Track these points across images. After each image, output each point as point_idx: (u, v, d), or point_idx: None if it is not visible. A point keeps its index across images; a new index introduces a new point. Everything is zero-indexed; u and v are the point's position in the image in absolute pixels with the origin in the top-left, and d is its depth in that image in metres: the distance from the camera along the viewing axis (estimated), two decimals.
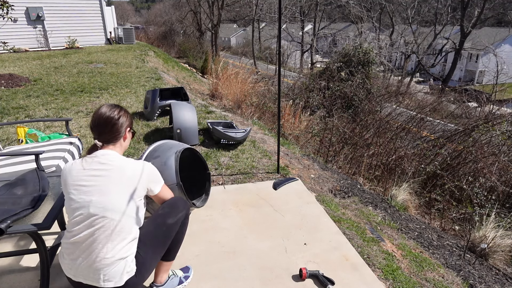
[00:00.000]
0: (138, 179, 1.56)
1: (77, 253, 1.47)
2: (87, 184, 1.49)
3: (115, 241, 1.47)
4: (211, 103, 6.65)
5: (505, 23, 33.25)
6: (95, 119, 1.61)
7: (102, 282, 1.47)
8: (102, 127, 1.61)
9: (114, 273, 1.47)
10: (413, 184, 4.64)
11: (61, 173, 1.60)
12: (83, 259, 1.46)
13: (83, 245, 1.46)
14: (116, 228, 1.47)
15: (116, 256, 1.47)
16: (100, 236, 1.45)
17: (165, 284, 1.83)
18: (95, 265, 1.45)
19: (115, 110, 1.65)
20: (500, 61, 21.42)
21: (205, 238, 2.35)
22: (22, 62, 8.76)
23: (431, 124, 8.51)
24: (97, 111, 1.64)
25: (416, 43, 27.87)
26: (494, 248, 3.14)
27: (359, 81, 10.09)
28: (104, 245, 1.45)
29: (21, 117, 4.69)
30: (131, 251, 1.53)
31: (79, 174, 1.52)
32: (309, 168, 3.92)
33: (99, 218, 1.45)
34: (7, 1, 6.67)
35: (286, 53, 31.28)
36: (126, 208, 1.50)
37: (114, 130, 1.62)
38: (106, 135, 1.61)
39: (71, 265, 1.49)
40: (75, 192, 1.49)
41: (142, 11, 65.75)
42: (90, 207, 1.46)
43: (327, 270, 2.07)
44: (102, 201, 1.46)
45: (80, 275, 1.48)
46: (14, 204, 1.69)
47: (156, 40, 23.21)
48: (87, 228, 1.45)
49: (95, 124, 1.61)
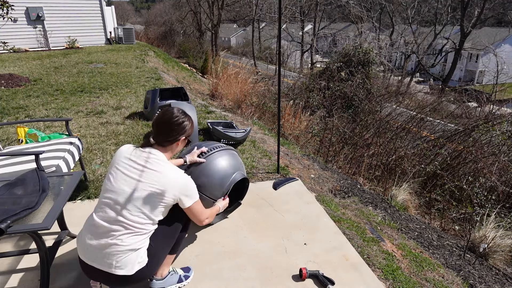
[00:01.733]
0: (171, 187, 1.57)
1: (96, 235, 1.53)
2: (127, 173, 1.58)
3: (132, 233, 1.53)
4: (211, 103, 6.65)
5: (505, 23, 33.24)
6: (160, 117, 1.68)
7: (114, 269, 1.51)
8: (162, 126, 1.67)
9: (126, 261, 1.52)
10: (413, 184, 4.63)
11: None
12: (99, 242, 1.51)
13: (104, 229, 1.52)
14: (135, 222, 1.53)
15: (130, 247, 1.52)
16: (121, 225, 1.52)
17: (165, 278, 1.84)
18: (109, 250, 1.50)
19: (182, 116, 1.70)
20: (500, 61, 21.43)
21: (205, 238, 2.35)
22: (22, 62, 8.76)
23: (431, 124, 8.51)
24: (165, 110, 1.70)
25: (416, 43, 27.87)
26: (494, 248, 3.14)
27: (359, 81, 10.10)
28: (122, 234, 1.51)
29: (21, 117, 4.69)
30: (144, 245, 1.58)
31: (125, 161, 1.61)
32: (309, 168, 3.92)
33: (124, 209, 1.52)
34: (7, 1, 6.67)
35: (286, 53, 31.27)
36: (147, 210, 1.55)
37: (171, 133, 1.67)
38: (162, 136, 1.67)
39: (87, 246, 1.54)
40: (114, 175, 1.59)
41: (142, 11, 65.70)
42: (120, 196, 1.54)
43: (327, 270, 2.07)
44: (131, 195, 1.54)
45: (94, 259, 1.53)
46: (14, 204, 1.68)
47: (156, 40, 23.21)
48: (112, 213, 1.53)
49: (158, 121, 1.68)
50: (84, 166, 3.08)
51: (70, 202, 2.71)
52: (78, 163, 3.12)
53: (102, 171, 3.21)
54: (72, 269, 2.00)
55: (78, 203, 2.72)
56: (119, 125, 4.47)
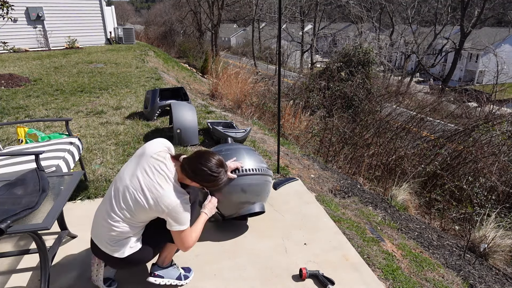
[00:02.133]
0: (161, 205, 1.56)
1: (99, 215, 1.66)
2: (138, 170, 1.61)
3: (122, 222, 1.61)
4: (211, 103, 6.65)
5: (505, 23, 33.24)
6: (200, 157, 1.63)
7: (110, 251, 1.63)
8: (195, 167, 1.61)
9: (119, 245, 1.62)
10: (413, 184, 4.63)
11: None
12: (100, 223, 1.64)
13: (105, 213, 1.62)
14: (123, 215, 1.60)
15: (122, 235, 1.61)
16: (115, 213, 1.60)
17: (166, 268, 1.84)
18: (105, 232, 1.61)
19: (219, 173, 1.64)
20: (500, 61, 21.42)
21: (205, 238, 2.34)
22: (22, 62, 8.76)
23: (431, 124, 8.51)
24: (209, 154, 1.66)
25: (416, 43, 27.86)
26: (494, 248, 3.14)
27: (359, 81, 10.09)
28: (116, 221, 1.60)
29: (21, 117, 4.69)
30: (135, 233, 1.66)
31: (145, 157, 1.63)
32: (309, 168, 3.92)
33: (118, 202, 1.60)
34: (7, 1, 6.67)
35: (286, 53, 31.27)
36: (132, 211, 1.60)
37: (196, 177, 1.62)
38: (187, 172, 1.61)
39: (94, 224, 1.68)
40: (129, 165, 1.65)
41: (142, 11, 65.73)
42: (128, 189, 1.59)
43: (327, 270, 2.07)
44: (124, 192, 1.59)
45: (97, 237, 1.65)
46: (14, 204, 1.69)
47: (156, 40, 23.21)
48: (115, 201, 1.61)
49: (196, 160, 1.62)
50: (84, 166, 3.08)
51: (70, 202, 2.71)
52: (78, 163, 3.12)
53: (102, 171, 3.21)
54: (72, 269, 2.00)
55: (78, 203, 2.72)
56: (119, 125, 4.47)
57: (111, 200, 1.61)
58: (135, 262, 1.68)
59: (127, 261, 1.65)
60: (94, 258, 1.76)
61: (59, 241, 1.99)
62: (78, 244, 2.21)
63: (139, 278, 1.92)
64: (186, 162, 1.63)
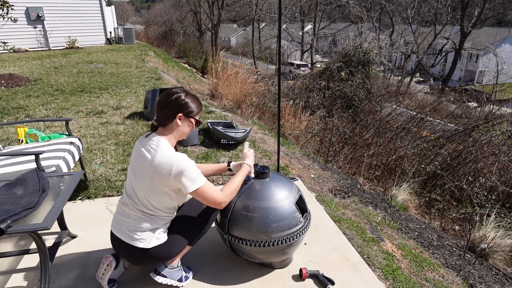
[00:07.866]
0: (160, 172, 1.54)
1: (120, 211, 1.69)
2: (133, 159, 1.66)
3: (143, 215, 1.64)
4: (211, 103, 6.65)
5: (505, 23, 33.24)
6: (161, 95, 1.68)
7: (134, 241, 1.63)
8: (159, 103, 1.64)
9: (145, 236, 1.63)
10: (413, 184, 4.64)
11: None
12: (122, 216, 1.67)
13: (126, 206, 1.66)
14: (146, 208, 1.63)
15: (144, 227, 1.63)
16: (136, 208, 1.63)
17: (172, 269, 1.83)
18: (128, 224, 1.64)
19: (179, 91, 1.64)
20: (500, 61, 21.44)
21: (205, 237, 2.34)
22: (22, 62, 8.76)
23: (431, 124, 8.50)
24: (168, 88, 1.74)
25: (416, 43, 27.87)
26: (494, 248, 3.14)
27: (359, 81, 10.10)
28: (139, 216, 1.63)
29: (21, 117, 4.69)
30: (160, 225, 1.67)
31: (136, 148, 1.66)
32: (309, 168, 3.92)
33: (132, 193, 1.64)
34: (7, 1, 6.67)
35: (286, 53, 31.28)
36: (151, 199, 1.61)
37: (167, 109, 1.61)
38: (160, 114, 1.63)
39: (115, 218, 1.71)
40: (131, 161, 1.69)
41: (142, 11, 65.75)
42: (129, 183, 1.66)
43: (327, 270, 2.07)
44: (132, 182, 1.64)
45: (119, 230, 1.67)
46: (14, 204, 1.68)
47: (156, 40, 23.22)
48: (128, 195, 1.66)
49: (158, 100, 1.67)
50: (84, 166, 3.08)
51: (70, 202, 2.71)
52: (78, 163, 3.12)
53: (102, 171, 3.21)
54: (72, 269, 2.00)
55: (78, 203, 2.72)
56: (119, 125, 4.47)
57: (130, 183, 1.65)
58: (157, 257, 1.68)
59: (150, 255, 1.65)
60: (106, 258, 1.77)
61: (59, 241, 1.99)
62: (78, 244, 2.21)
63: (139, 280, 1.92)
64: (157, 110, 1.64)
